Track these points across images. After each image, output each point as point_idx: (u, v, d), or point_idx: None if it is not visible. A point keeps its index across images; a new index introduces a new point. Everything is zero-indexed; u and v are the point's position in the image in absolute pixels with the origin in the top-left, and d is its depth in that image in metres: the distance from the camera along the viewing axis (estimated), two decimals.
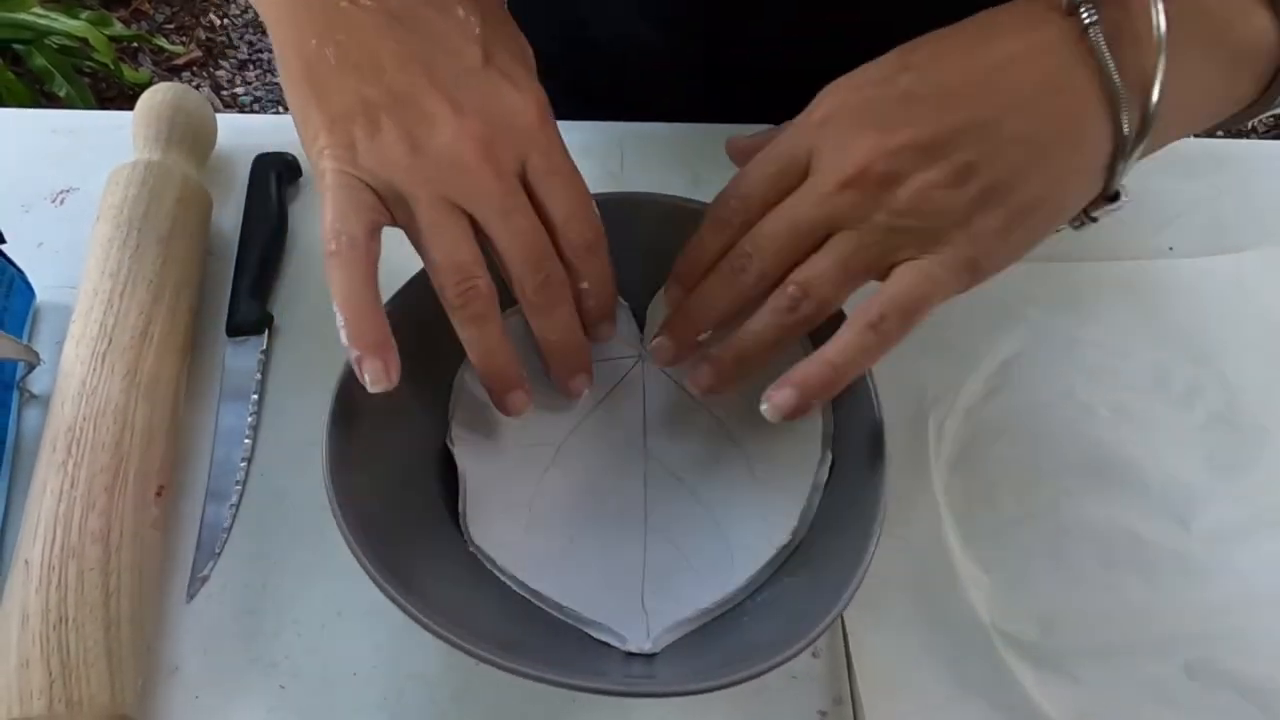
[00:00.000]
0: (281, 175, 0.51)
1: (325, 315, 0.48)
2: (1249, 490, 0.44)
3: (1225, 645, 0.40)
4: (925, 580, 0.41)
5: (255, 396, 0.45)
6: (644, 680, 0.34)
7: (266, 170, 0.51)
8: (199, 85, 1.69)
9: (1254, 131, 1.65)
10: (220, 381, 0.46)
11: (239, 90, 1.71)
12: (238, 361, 0.46)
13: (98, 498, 0.38)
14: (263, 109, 1.68)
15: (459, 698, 0.38)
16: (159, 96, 0.51)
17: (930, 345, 0.47)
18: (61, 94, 1.51)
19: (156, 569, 0.40)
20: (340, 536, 0.32)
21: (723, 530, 0.39)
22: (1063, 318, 0.49)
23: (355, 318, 0.31)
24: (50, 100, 1.52)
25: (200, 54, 1.74)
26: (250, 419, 0.45)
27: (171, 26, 1.78)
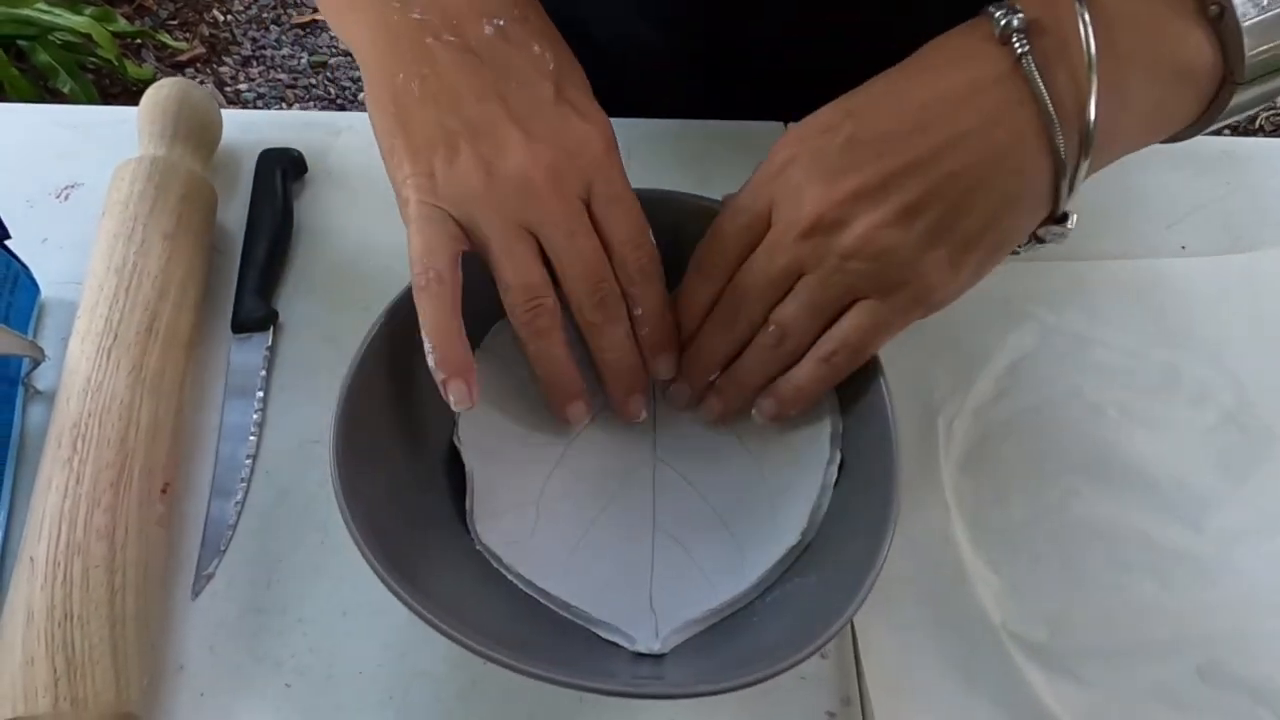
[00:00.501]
0: (287, 171, 0.51)
1: (330, 312, 0.48)
2: (1260, 491, 0.43)
3: (1236, 647, 0.39)
4: (934, 580, 0.41)
5: (260, 393, 0.45)
6: (652, 681, 0.34)
7: (272, 166, 0.51)
8: (202, 82, 1.69)
9: (1260, 130, 1.65)
10: (225, 378, 0.46)
11: (242, 87, 1.70)
12: (243, 358, 0.46)
13: (103, 494, 0.38)
14: (266, 105, 1.68)
15: (465, 697, 0.38)
16: (164, 91, 0.50)
17: (940, 345, 0.46)
18: (65, 90, 1.51)
19: (162, 566, 0.40)
20: (346, 534, 0.32)
21: (731, 531, 0.38)
22: (1073, 317, 0.48)
23: (443, 346, 0.34)
24: (54, 96, 1.52)
25: (204, 50, 1.74)
26: (255, 416, 0.44)
27: (175, 23, 1.77)
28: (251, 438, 0.44)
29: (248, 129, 0.54)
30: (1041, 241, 0.37)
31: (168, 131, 0.49)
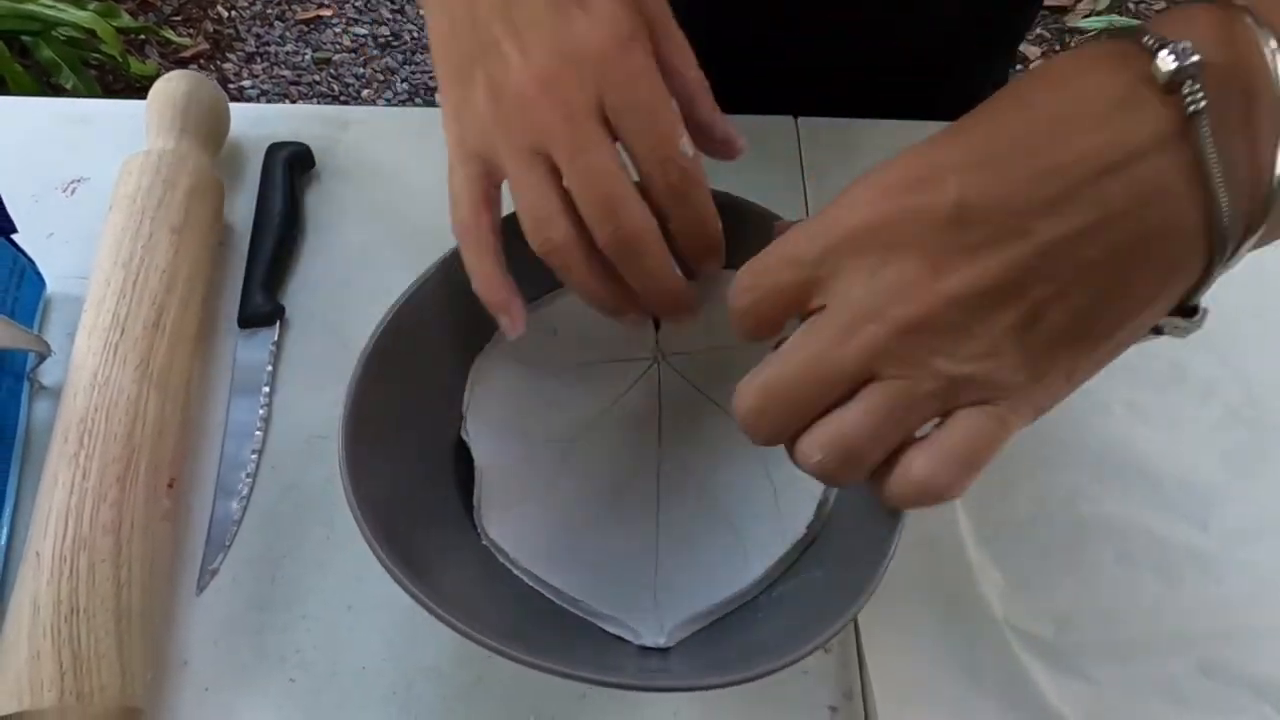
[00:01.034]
0: (294, 165, 0.51)
1: (337, 307, 0.48)
2: (1266, 488, 0.43)
3: (1241, 644, 0.39)
4: (939, 576, 0.41)
5: (266, 389, 0.45)
6: (657, 674, 0.34)
7: (279, 160, 0.51)
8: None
9: None
10: (231, 373, 0.46)
11: (246, 83, 1.70)
12: (249, 354, 0.46)
13: (109, 489, 0.38)
14: (269, 102, 1.68)
15: (468, 693, 0.38)
16: (173, 84, 0.50)
17: None
18: (68, 86, 1.51)
19: (167, 561, 0.40)
20: (351, 530, 0.32)
21: (736, 526, 0.38)
22: None
23: (481, 287, 0.34)
24: (57, 92, 1.52)
25: (207, 46, 1.74)
26: (261, 411, 0.44)
27: (179, 19, 1.77)
28: (257, 433, 0.44)
29: (255, 123, 0.54)
30: (1158, 333, 0.29)
31: (176, 125, 0.49)
